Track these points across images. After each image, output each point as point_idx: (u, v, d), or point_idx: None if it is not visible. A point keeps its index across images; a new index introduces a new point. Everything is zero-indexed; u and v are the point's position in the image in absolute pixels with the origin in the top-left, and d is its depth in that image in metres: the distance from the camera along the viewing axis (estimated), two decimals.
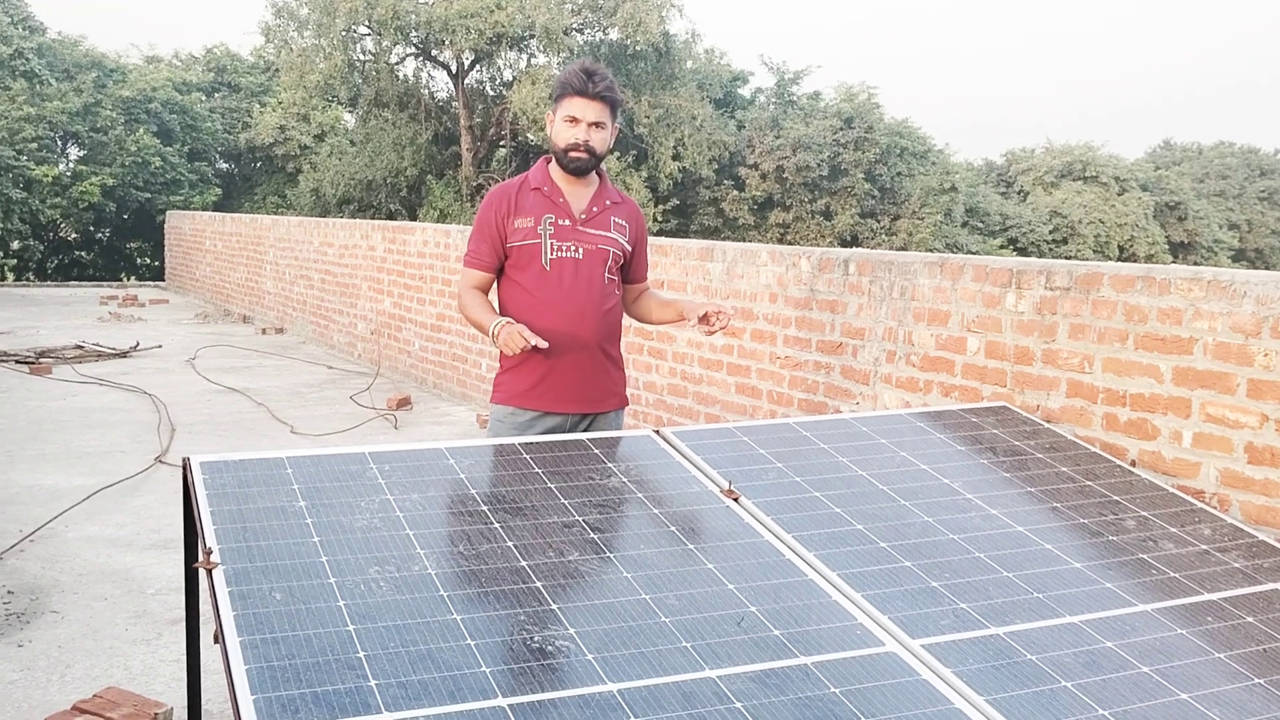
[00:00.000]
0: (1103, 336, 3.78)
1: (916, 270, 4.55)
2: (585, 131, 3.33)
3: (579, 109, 3.33)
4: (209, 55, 29.09)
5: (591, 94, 3.32)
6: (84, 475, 6.16)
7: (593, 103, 3.32)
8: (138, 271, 25.50)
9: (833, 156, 26.69)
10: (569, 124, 3.34)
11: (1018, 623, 2.49)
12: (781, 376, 5.32)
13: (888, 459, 3.27)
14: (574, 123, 3.33)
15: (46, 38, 24.30)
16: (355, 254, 10.95)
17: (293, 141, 26.34)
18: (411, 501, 2.71)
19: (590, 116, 3.33)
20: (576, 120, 3.33)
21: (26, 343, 11.35)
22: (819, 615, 2.42)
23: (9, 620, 4.08)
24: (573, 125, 3.34)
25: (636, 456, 3.12)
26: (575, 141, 3.33)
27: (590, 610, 2.34)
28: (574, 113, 3.33)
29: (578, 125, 3.33)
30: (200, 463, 2.72)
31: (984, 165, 38.83)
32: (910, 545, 2.78)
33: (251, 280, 14.57)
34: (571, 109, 3.33)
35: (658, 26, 23.59)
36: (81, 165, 23.44)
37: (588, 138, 3.33)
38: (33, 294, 17.81)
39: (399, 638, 2.17)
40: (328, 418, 8.01)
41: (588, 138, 3.33)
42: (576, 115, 3.33)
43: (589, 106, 3.32)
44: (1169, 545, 2.94)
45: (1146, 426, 3.63)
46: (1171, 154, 45.24)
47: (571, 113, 3.33)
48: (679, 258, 6.08)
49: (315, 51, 23.60)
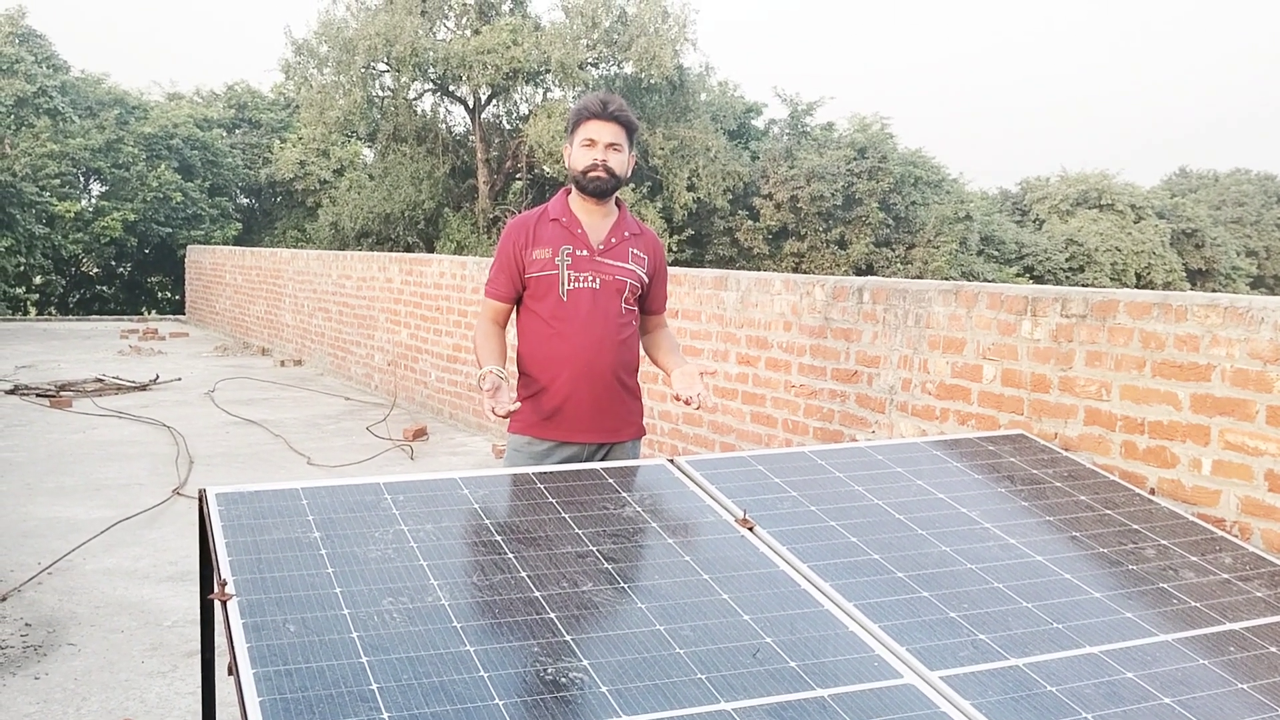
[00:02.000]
0: (1120, 364, 3.75)
1: (931, 298, 4.54)
2: (603, 152, 3.36)
3: (595, 131, 3.36)
4: (230, 92, 29.45)
5: (607, 115, 3.36)
6: (102, 508, 6.19)
7: (609, 124, 3.36)
8: (158, 305, 25.71)
9: (847, 186, 26.76)
10: (587, 147, 3.37)
11: (1037, 654, 2.46)
12: (796, 405, 5.31)
13: (904, 488, 3.25)
14: (591, 145, 3.37)
15: (70, 75, 24.66)
16: (373, 286, 11.01)
17: (312, 176, 26.60)
18: (425, 532, 2.71)
19: (607, 138, 3.36)
20: (594, 142, 3.36)
21: (47, 376, 11.44)
22: (836, 646, 2.40)
23: (26, 653, 4.09)
24: (590, 147, 3.37)
25: (651, 486, 3.11)
26: (594, 162, 3.36)
27: (604, 642, 2.33)
28: (591, 135, 3.36)
29: (595, 146, 3.36)
30: (216, 494, 2.73)
31: (999, 194, 38.84)
32: (928, 575, 2.76)
33: (271, 313, 14.66)
34: (588, 132, 3.37)
35: (671, 60, 23.79)
36: (103, 201, 23.72)
37: (605, 158, 3.36)
38: (54, 328, 17.97)
39: (412, 670, 2.16)
40: (344, 449, 8.03)
41: (605, 158, 3.36)
42: (593, 137, 3.36)
43: (605, 128, 3.36)
44: (1190, 574, 2.90)
45: (1165, 454, 3.60)
46: (1188, 181, 45.13)
47: (589, 135, 3.36)
48: (693, 287, 6.09)
49: (335, 88, 23.89)
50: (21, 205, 20.41)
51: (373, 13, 24.03)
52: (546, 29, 24.29)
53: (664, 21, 24.02)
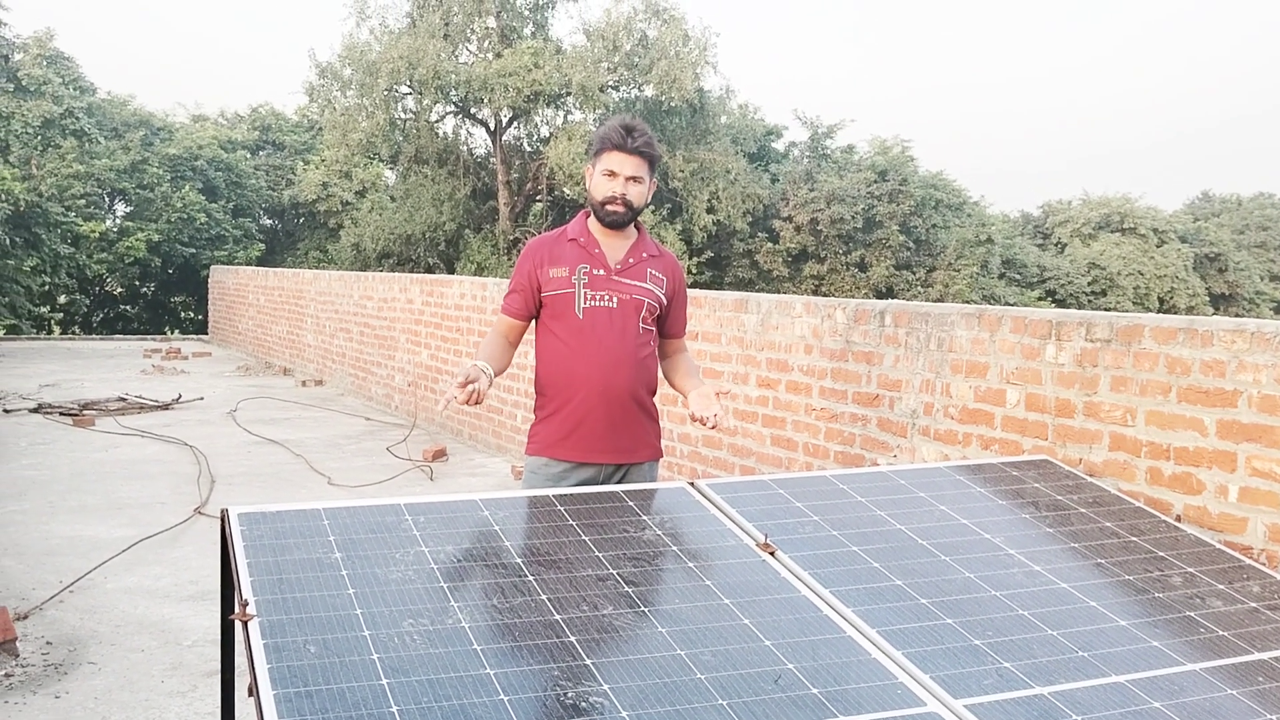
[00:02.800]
0: (1145, 389, 3.72)
1: (953, 321, 4.52)
2: (623, 185, 3.37)
3: (617, 163, 3.36)
4: (254, 114, 29.77)
5: (630, 149, 3.36)
6: (124, 526, 6.21)
7: (630, 157, 3.36)
8: (181, 325, 25.91)
9: (867, 209, 26.74)
10: (608, 178, 3.38)
11: (1062, 682, 2.43)
12: (817, 428, 5.28)
13: (927, 513, 3.23)
14: (612, 176, 3.37)
15: (96, 97, 24.98)
16: (394, 307, 11.06)
17: (335, 198, 26.82)
18: (445, 554, 2.70)
19: (628, 171, 3.37)
20: (615, 174, 3.37)
21: (71, 395, 11.52)
22: (858, 673, 2.38)
23: (47, 671, 4.10)
24: (611, 179, 3.37)
25: (671, 509, 3.10)
26: (613, 195, 3.36)
27: (624, 666, 2.32)
28: (612, 167, 3.37)
29: (615, 179, 3.37)
30: (238, 514, 2.74)
31: (1020, 217, 38.73)
32: (951, 602, 2.73)
33: (292, 333, 14.75)
34: (610, 163, 3.37)
35: (692, 83, 23.89)
36: (128, 221, 23.97)
37: (625, 191, 3.37)
38: (78, 347, 18.12)
39: (432, 692, 2.15)
40: (365, 469, 8.05)
41: (625, 191, 3.37)
42: (615, 169, 3.37)
43: (627, 161, 3.36)
44: (1217, 602, 2.87)
45: (1191, 481, 3.56)
46: (1211, 205, 44.90)
47: (610, 167, 3.37)
48: (713, 309, 6.08)
49: (358, 110, 24.10)
50: (47, 225, 20.64)
51: (396, 36, 24.26)
52: (568, 52, 24.45)
53: (685, 45, 24.14)
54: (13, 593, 4.99)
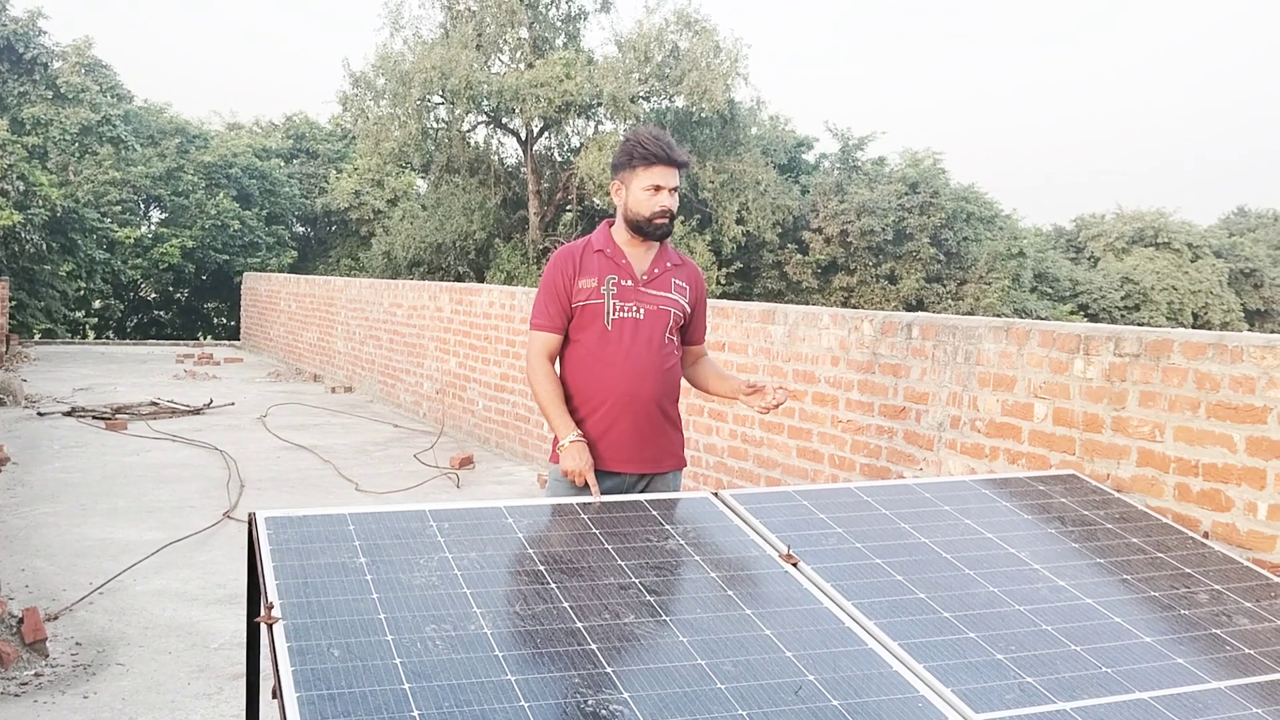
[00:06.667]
0: (1174, 404, 3.69)
1: (981, 335, 4.50)
2: (668, 199, 3.40)
3: (661, 177, 3.38)
4: (288, 123, 30.06)
5: (671, 161, 3.39)
6: (154, 530, 6.28)
7: (671, 169, 3.40)
8: (214, 331, 26.17)
9: (898, 221, 26.62)
10: (652, 192, 3.39)
11: (1086, 698, 2.41)
12: (843, 440, 5.27)
13: (951, 526, 3.21)
14: (657, 190, 3.39)
15: (133, 105, 25.28)
16: (423, 315, 11.13)
17: (367, 206, 27.02)
18: (469, 560, 2.72)
19: (671, 183, 3.41)
20: (660, 188, 3.39)
21: (104, 399, 11.66)
22: (879, 686, 2.38)
23: (76, 671, 4.15)
24: (656, 193, 3.39)
25: (695, 519, 3.10)
26: (662, 209, 3.39)
27: (645, 674, 2.32)
28: (658, 181, 3.38)
29: (661, 192, 3.39)
30: (265, 518, 2.77)
31: (1053, 230, 38.45)
32: (975, 616, 2.72)
33: (323, 340, 14.86)
34: (653, 178, 3.38)
35: (723, 94, 23.89)
36: (163, 228, 24.26)
37: (671, 205, 3.40)
38: (112, 352, 18.34)
39: (454, 698, 2.17)
40: (392, 476, 8.09)
41: (671, 205, 3.40)
42: (660, 183, 3.38)
43: (669, 173, 3.40)
44: (1244, 620, 2.84)
45: (1220, 498, 3.53)
46: (1246, 220, 44.38)
47: (655, 181, 3.38)
48: (740, 320, 6.09)
49: (390, 120, 24.27)
50: (83, 231, 20.92)
51: (429, 46, 24.43)
52: (599, 63, 24.54)
53: (716, 56, 24.16)
54: (44, 593, 5.05)
